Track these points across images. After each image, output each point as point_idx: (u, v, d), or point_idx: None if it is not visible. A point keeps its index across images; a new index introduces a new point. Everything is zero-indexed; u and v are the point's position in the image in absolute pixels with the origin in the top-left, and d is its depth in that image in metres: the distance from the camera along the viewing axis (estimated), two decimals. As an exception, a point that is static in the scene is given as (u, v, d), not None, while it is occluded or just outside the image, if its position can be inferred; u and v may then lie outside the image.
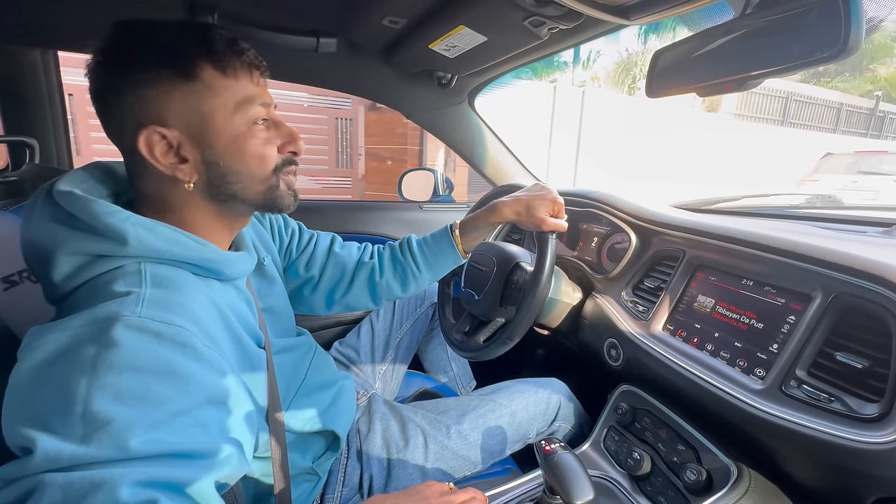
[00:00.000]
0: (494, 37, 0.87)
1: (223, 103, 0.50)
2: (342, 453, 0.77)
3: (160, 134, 0.48)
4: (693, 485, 0.65)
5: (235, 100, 0.51)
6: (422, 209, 1.48)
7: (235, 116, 0.51)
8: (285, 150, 0.57)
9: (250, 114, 0.52)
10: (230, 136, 0.51)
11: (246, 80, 0.52)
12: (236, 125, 0.51)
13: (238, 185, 0.54)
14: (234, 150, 0.52)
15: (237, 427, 0.45)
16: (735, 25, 0.60)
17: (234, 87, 0.51)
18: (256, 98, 0.52)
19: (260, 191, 0.55)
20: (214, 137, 0.51)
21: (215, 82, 0.50)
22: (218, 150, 0.51)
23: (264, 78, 0.55)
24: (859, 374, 0.53)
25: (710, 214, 0.98)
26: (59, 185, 0.48)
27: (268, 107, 0.54)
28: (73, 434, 0.34)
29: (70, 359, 0.37)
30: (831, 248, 0.60)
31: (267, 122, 0.55)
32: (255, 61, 0.53)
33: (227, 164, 0.52)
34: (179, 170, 0.51)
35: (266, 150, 0.54)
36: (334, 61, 1.08)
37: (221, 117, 0.50)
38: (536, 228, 0.81)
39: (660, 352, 0.74)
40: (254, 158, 0.53)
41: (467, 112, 1.35)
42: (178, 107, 0.49)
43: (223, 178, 0.53)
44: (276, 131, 0.56)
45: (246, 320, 0.56)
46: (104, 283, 0.44)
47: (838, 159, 6.31)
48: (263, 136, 0.54)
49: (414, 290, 0.88)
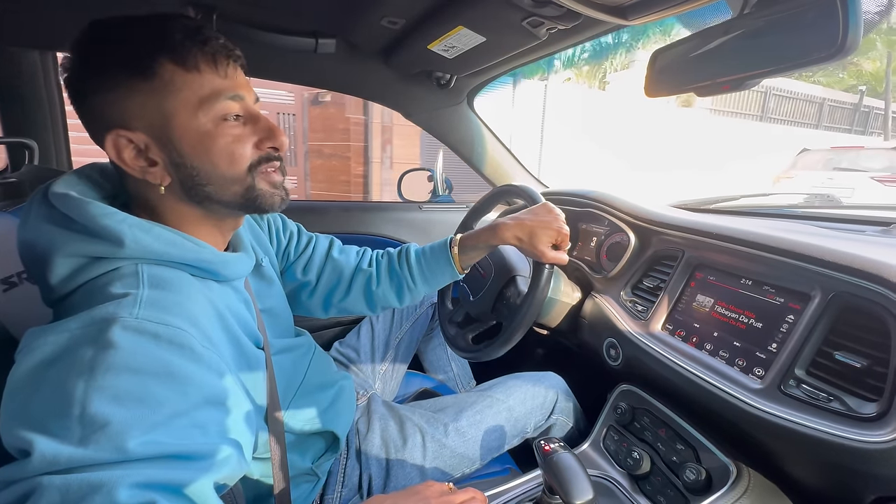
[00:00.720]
0: (493, 37, 0.87)
1: (185, 100, 0.47)
2: (341, 454, 0.77)
3: (126, 137, 0.47)
4: (692, 484, 0.66)
5: (199, 95, 0.48)
6: (421, 209, 1.48)
7: (200, 113, 0.48)
8: (263, 146, 0.53)
9: (217, 109, 0.49)
10: (196, 136, 0.49)
11: (210, 72, 0.48)
12: (201, 123, 0.48)
13: (210, 186, 0.51)
14: (200, 149, 0.49)
15: (236, 428, 0.45)
16: (733, 25, 0.60)
17: (198, 82, 0.48)
18: (224, 91, 0.49)
19: (236, 192, 0.53)
20: (179, 138, 0.48)
21: (175, 78, 0.47)
22: (185, 151, 0.49)
23: (238, 68, 0.52)
24: (858, 373, 0.53)
25: (708, 214, 0.98)
26: (55, 188, 0.48)
27: (240, 100, 0.51)
28: (71, 436, 0.34)
29: (67, 361, 0.37)
30: (830, 247, 0.60)
31: (240, 117, 0.51)
32: (221, 51, 0.49)
33: (196, 166, 0.50)
34: (149, 173, 0.50)
35: (237, 147, 0.51)
36: (333, 62, 1.08)
37: (184, 116, 0.48)
38: (536, 259, 0.79)
39: (659, 351, 0.74)
40: (223, 158, 0.50)
41: (466, 112, 1.36)
42: (139, 108, 0.47)
43: (193, 179, 0.50)
44: (252, 126, 0.52)
45: (244, 321, 0.56)
46: (101, 285, 0.44)
47: (815, 155, 6.11)
48: (235, 133, 0.51)
49: (409, 302, 0.86)
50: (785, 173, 6.14)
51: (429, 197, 1.55)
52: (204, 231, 0.55)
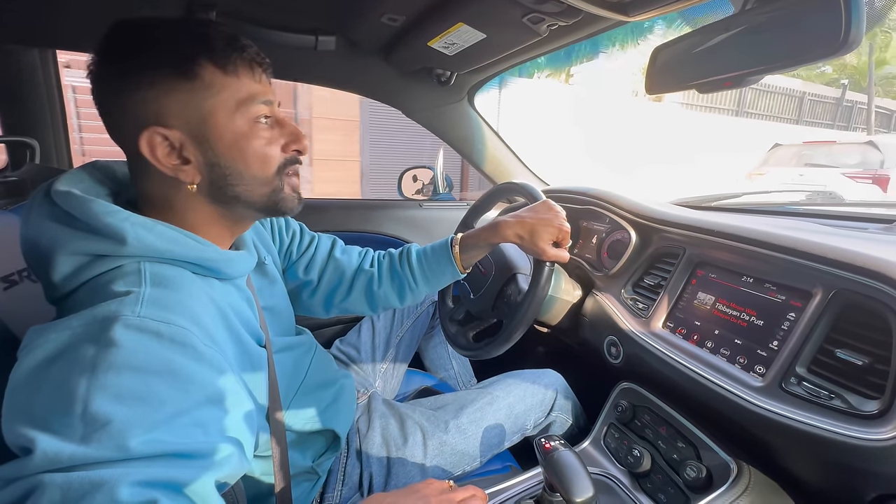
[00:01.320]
0: (493, 34, 0.87)
1: (224, 102, 0.49)
2: (342, 452, 0.78)
3: (162, 135, 0.48)
4: (693, 482, 0.66)
5: (237, 98, 0.50)
6: (422, 207, 1.48)
7: (237, 115, 0.50)
8: (289, 149, 0.56)
9: (252, 112, 0.51)
10: (232, 136, 0.51)
11: (247, 77, 0.51)
12: (238, 124, 0.51)
13: (241, 186, 0.53)
14: (236, 150, 0.51)
15: (237, 426, 0.45)
16: (735, 21, 0.60)
17: (236, 85, 0.50)
18: (258, 96, 0.52)
19: (264, 193, 0.55)
20: (216, 137, 0.50)
21: (216, 80, 0.49)
22: (220, 151, 0.51)
23: (267, 75, 0.54)
24: (859, 370, 0.53)
25: (710, 211, 0.98)
26: (57, 185, 0.48)
27: (270, 104, 0.54)
28: (73, 434, 0.34)
29: (69, 359, 0.37)
30: (831, 244, 0.59)
31: (270, 119, 0.54)
32: (256, 58, 0.52)
33: (230, 165, 0.52)
34: (182, 171, 0.50)
35: (269, 149, 0.53)
36: (333, 59, 1.08)
37: (223, 116, 0.50)
38: (536, 256, 0.79)
39: (660, 349, 0.74)
40: (256, 159, 0.53)
41: (467, 110, 1.35)
42: (178, 107, 0.48)
43: (226, 179, 0.52)
44: (279, 130, 0.55)
45: (246, 319, 0.56)
46: (104, 283, 0.44)
47: (787, 151, 5.89)
48: (266, 136, 0.53)
49: (410, 302, 0.86)
50: (757, 170, 5.91)
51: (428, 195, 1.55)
52: (215, 231, 0.56)
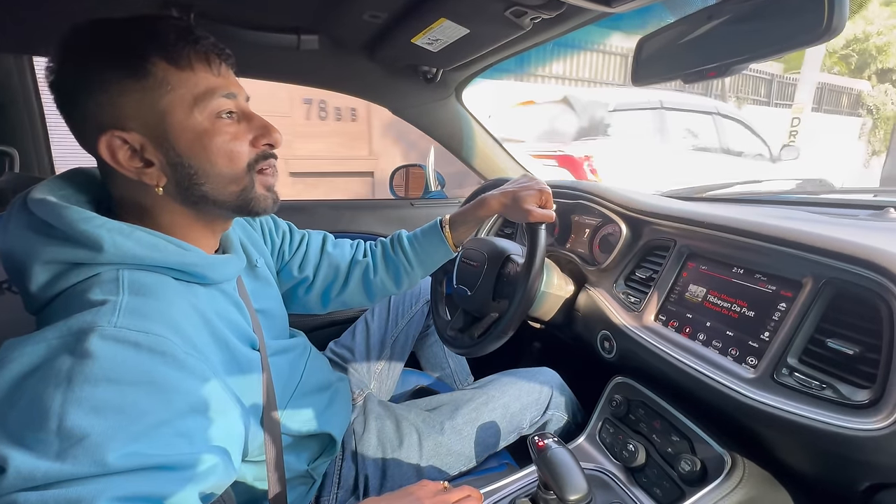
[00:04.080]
0: (476, 29, 0.86)
1: (180, 98, 0.47)
2: (337, 455, 0.77)
3: (120, 138, 0.47)
4: (688, 475, 0.65)
5: (193, 93, 0.48)
6: (413, 206, 1.47)
7: (195, 111, 0.48)
8: (259, 143, 0.53)
9: (212, 107, 0.49)
10: (193, 134, 0.49)
11: (204, 70, 0.49)
12: (198, 121, 0.48)
13: (207, 185, 0.51)
14: (198, 148, 0.49)
15: (223, 435, 0.45)
16: (719, 10, 0.59)
17: (192, 80, 0.48)
18: (218, 89, 0.49)
19: (233, 191, 0.53)
20: (176, 136, 0.48)
21: (169, 77, 0.47)
22: (182, 150, 0.49)
23: (228, 67, 0.52)
24: (850, 360, 0.52)
25: (700, 202, 0.98)
26: (34, 193, 0.47)
27: (234, 98, 0.51)
28: (48, 450, 0.34)
29: (44, 372, 0.36)
30: (820, 233, 0.59)
31: (234, 114, 0.52)
32: (213, 50, 0.50)
33: (194, 164, 0.50)
34: (145, 174, 0.49)
35: (235, 145, 0.51)
36: (317, 58, 1.06)
37: (180, 114, 0.48)
38: (524, 220, 0.81)
39: (652, 343, 0.74)
40: (221, 156, 0.50)
41: (455, 106, 1.34)
42: (134, 108, 0.47)
43: (191, 179, 0.50)
44: (246, 124, 0.53)
45: (234, 324, 0.55)
46: (80, 292, 0.43)
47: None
48: (231, 131, 0.51)
49: (407, 287, 0.88)
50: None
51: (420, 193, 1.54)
52: (195, 233, 0.55)
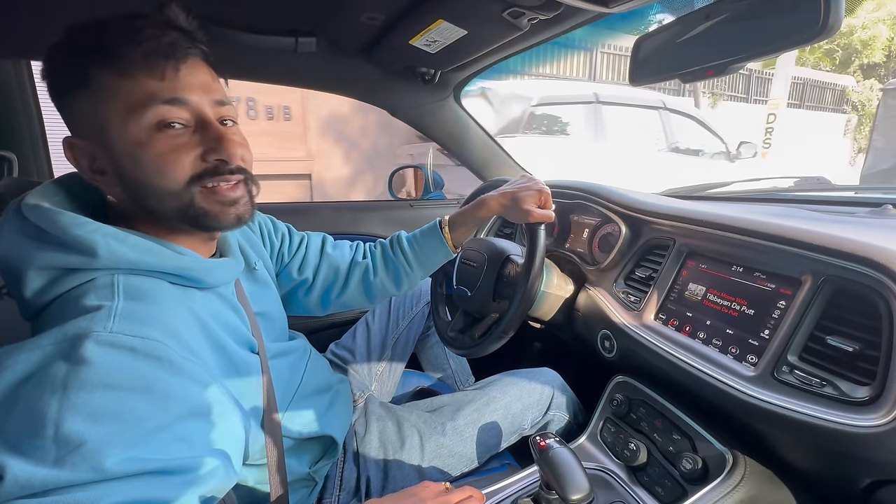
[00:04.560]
0: (474, 30, 0.86)
1: (116, 108, 0.45)
2: (339, 457, 0.77)
3: (76, 145, 0.48)
4: (689, 473, 0.65)
5: (128, 101, 0.45)
6: (412, 207, 1.47)
7: (129, 122, 0.45)
8: (209, 157, 0.49)
9: (149, 116, 0.45)
10: (128, 145, 0.46)
11: (144, 75, 0.45)
12: (131, 131, 0.45)
13: (150, 199, 0.49)
14: (132, 160, 0.46)
15: (223, 438, 0.45)
16: (716, 10, 0.59)
17: (128, 87, 0.45)
18: (157, 96, 0.45)
19: (173, 206, 0.49)
20: (116, 147, 0.46)
21: (108, 84, 0.45)
22: (121, 162, 0.47)
23: (194, 68, 0.48)
24: (850, 357, 0.53)
25: (699, 201, 0.98)
26: (28, 199, 0.47)
27: (182, 105, 0.47)
28: (46, 457, 0.33)
29: (40, 379, 0.36)
30: (818, 231, 0.59)
31: (180, 125, 0.47)
32: (161, 50, 0.45)
33: (133, 177, 0.47)
34: (101, 182, 0.49)
35: (170, 158, 0.47)
36: (315, 61, 1.06)
37: (116, 124, 0.45)
38: (524, 220, 0.81)
39: (652, 342, 0.74)
40: (152, 170, 0.47)
41: (453, 107, 1.34)
42: (82, 116, 0.47)
43: (135, 191, 0.49)
44: (200, 135, 0.48)
45: (232, 327, 0.55)
46: (75, 298, 0.43)
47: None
48: (173, 143, 0.47)
49: (407, 288, 0.88)
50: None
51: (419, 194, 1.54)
52: (189, 238, 0.54)
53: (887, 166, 3.94)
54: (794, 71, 9.29)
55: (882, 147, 4.05)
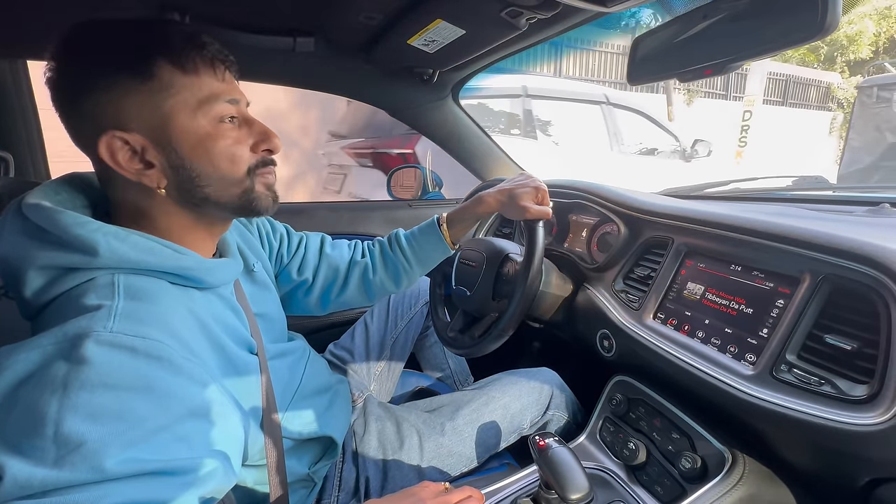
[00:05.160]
0: (473, 29, 0.86)
1: (185, 102, 0.48)
2: (338, 457, 0.77)
3: (121, 139, 0.47)
4: (688, 472, 0.66)
5: (198, 97, 0.49)
6: (411, 207, 1.47)
7: (199, 115, 0.49)
8: (259, 149, 0.54)
9: (216, 111, 0.50)
10: (196, 137, 0.49)
11: (208, 76, 0.50)
12: (201, 124, 0.49)
13: (210, 188, 0.52)
14: (201, 151, 0.50)
15: (222, 439, 0.45)
16: (713, 9, 0.60)
17: (196, 84, 0.49)
18: (222, 94, 0.50)
19: (235, 193, 0.53)
20: (179, 139, 0.49)
21: (174, 80, 0.48)
22: (184, 153, 0.49)
23: (231, 73, 0.53)
24: (849, 355, 0.53)
25: (697, 200, 0.98)
26: (28, 198, 0.47)
27: (236, 104, 0.52)
28: (45, 458, 0.33)
29: (40, 379, 0.36)
30: (817, 230, 0.59)
31: (236, 119, 0.53)
32: (218, 56, 0.51)
33: (196, 167, 0.50)
34: (146, 176, 0.49)
35: (237, 149, 0.52)
36: (313, 61, 1.06)
37: (184, 117, 0.48)
38: (521, 217, 0.82)
39: (651, 341, 0.74)
40: (223, 159, 0.51)
41: (452, 107, 1.34)
42: (137, 109, 0.47)
43: (193, 181, 0.51)
44: (247, 129, 0.54)
45: (232, 328, 0.55)
46: (75, 297, 0.43)
47: None
48: (233, 136, 0.52)
49: (406, 285, 0.89)
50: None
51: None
52: (192, 237, 0.55)
53: (864, 165, 3.88)
54: (777, 67, 9.10)
55: (858, 146, 3.98)
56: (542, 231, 0.80)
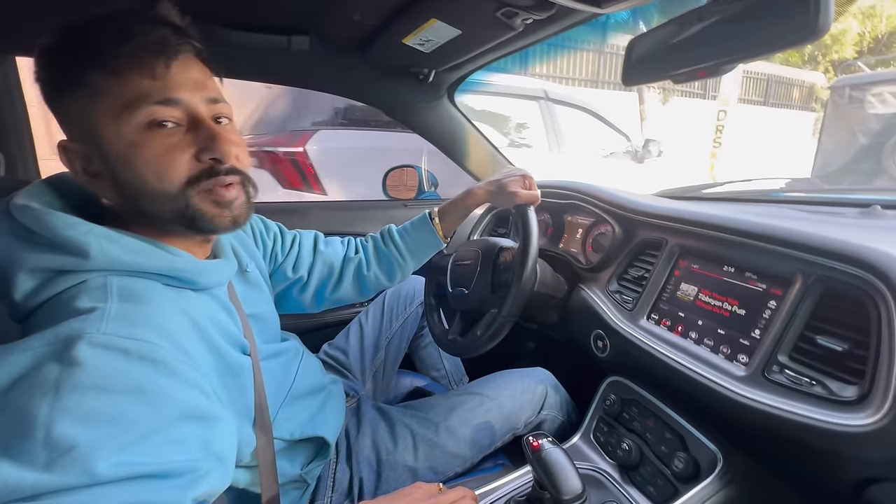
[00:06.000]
0: (468, 29, 0.86)
1: (107, 108, 0.44)
2: (331, 458, 0.76)
3: (70, 148, 0.47)
4: (681, 473, 0.66)
5: (121, 101, 0.44)
6: (406, 207, 1.47)
7: (121, 121, 0.44)
8: (203, 157, 0.48)
9: (141, 116, 0.44)
10: (122, 146, 0.45)
11: (134, 74, 0.44)
12: (123, 132, 0.44)
13: (145, 201, 0.48)
14: (126, 161, 0.45)
15: (217, 441, 0.44)
16: (708, 11, 0.60)
17: (118, 87, 0.44)
18: (150, 95, 0.44)
19: (170, 209, 0.48)
20: (109, 148, 0.45)
21: (99, 83, 0.44)
22: (115, 164, 0.46)
23: (186, 65, 0.47)
24: (840, 357, 0.53)
25: (691, 201, 0.98)
26: (16, 199, 0.46)
27: (175, 104, 0.46)
28: (35, 461, 0.33)
29: (31, 381, 0.35)
30: (809, 231, 0.60)
31: (173, 124, 0.46)
32: (151, 48, 0.44)
33: (127, 179, 0.46)
34: (95, 185, 0.48)
35: (166, 159, 0.46)
36: (308, 59, 1.06)
37: (109, 124, 0.45)
38: (511, 204, 0.84)
39: (645, 342, 0.74)
40: (149, 171, 0.46)
41: (447, 107, 1.34)
42: (74, 118, 0.46)
43: (130, 193, 0.48)
44: (192, 135, 0.47)
45: (226, 329, 0.55)
46: (67, 300, 0.42)
47: None
48: (167, 143, 0.46)
49: (400, 279, 0.91)
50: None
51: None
52: (184, 240, 0.54)
53: (836, 167, 3.78)
54: (755, 66, 8.88)
55: (831, 149, 3.86)
56: (533, 214, 0.81)
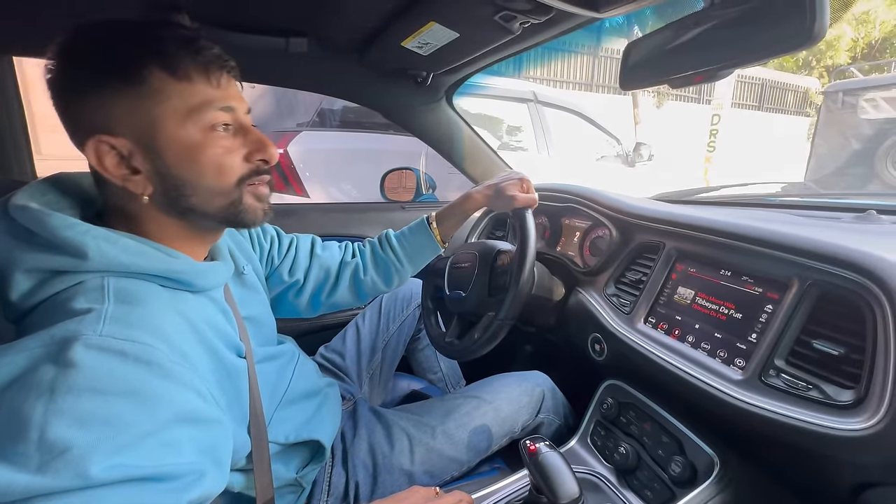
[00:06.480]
0: (466, 33, 0.86)
1: (173, 109, 0.47)
2: (327, 462, 0.76)
3: (108, 143, 0.46)
4: (678, 477, 0.66)
5: (188, 105, 0.48)
6: (404, 209, 1.47)
7: (188, 123, 0.48)
8: (253, 158, 0.53)
9: (206, 119, 0.49)
10: (183, 145, 0.48)
11: (201, 82, 0.49)
12: (189, 133, 0.48)
13: (195, 197, 0.51)
14: (187, 160, 0.49)
15: (212, 444, 0.44)
16: (705, 16, 0.60)
17: (187, 91, 0.48)
18: (214, 102, 0.49)
19: (220, 205, 0.52)
20: (166, 146, 0.48)
21: (165, 86, 0.47)
22: (170, 161, 0.48)
23: (231, 78, 0.52)
24: (836, 361, 0.53)
25: (688, 205, 0.99)
26: (15, 199, 0.46)
27: (231, 111, 0.51)
28: (28, 463, 0.32)
29: (26, 383, 0.35)
30: (805, 235, 0.60)
31: (230, 127, 0.51)
32: (215, 61, 0.49)
33: (182, 176, 0.49)
34: (131, 181, 0.48)
35: (227, 159, 0.51)
36: (306, 61, 1.06)
37: (172, 124, 0.47)
38: (510, 207, 0.84)
39: (642, 345, 0.74)
40: (211, 169, 0.50)
41: (445, 110, 1.34)
42: (125, 114, 0.46)
43: (178, 189, 0.50)
44: (242, 138, 0.52)
45: (223, 332, 0.54)
46: (63, 301, 0.42)
47: None
48: (224, 145, 0.51)
49: (397, 284, 0.90)
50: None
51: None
52: (183, 242, 0.54)
53: (829, 171, 3.83)
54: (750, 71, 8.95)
55: (824, 153, 3.92)
56: (531, 217, 0.81)
